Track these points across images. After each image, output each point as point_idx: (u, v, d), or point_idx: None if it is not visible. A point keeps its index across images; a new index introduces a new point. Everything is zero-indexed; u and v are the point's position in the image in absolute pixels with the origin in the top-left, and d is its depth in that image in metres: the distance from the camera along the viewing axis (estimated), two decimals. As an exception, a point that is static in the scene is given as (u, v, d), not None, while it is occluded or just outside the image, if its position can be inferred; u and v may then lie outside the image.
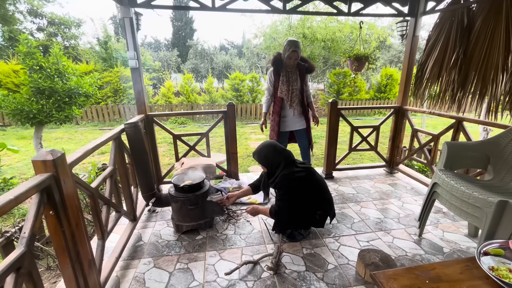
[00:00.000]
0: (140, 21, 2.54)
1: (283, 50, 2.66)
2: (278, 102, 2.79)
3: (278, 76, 2.72)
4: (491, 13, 2.24)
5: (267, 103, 2.88)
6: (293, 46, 2.56)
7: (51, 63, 3.64)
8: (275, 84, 2.76)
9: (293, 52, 2.57)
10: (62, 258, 1.18)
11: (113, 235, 2.03)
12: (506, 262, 1.13)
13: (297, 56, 2.60)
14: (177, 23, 26.75)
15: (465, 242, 2.06)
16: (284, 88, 2.70)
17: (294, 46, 2.56)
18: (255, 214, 2.18)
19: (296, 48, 2.57)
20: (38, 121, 3.71)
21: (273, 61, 2.73)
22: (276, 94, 2.79)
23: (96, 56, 12.90)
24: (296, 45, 2.58)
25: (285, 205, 1.94)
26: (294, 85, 2.70)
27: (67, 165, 1.18)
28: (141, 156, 2.15)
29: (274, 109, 2.87)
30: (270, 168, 2.07)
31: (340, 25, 12.38)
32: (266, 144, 2.10)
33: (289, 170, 1.96)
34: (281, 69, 2.71)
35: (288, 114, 2.83)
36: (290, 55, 2.59)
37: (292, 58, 2.61)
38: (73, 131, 8.81)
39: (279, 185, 1.95)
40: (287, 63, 2.66)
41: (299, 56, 2.63)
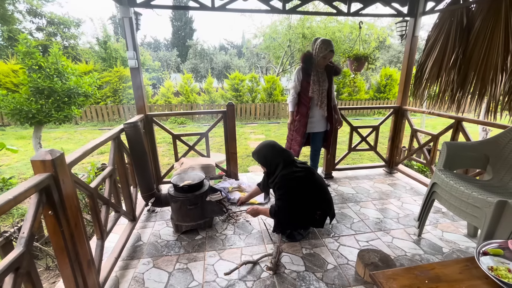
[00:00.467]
0: (139, 21, 2.54)
1: (315, 49, 2.53)
2: (306, 102, 2.66)
3: (308, 75, 2.60)
4: (490, 14, 2.24)
5: (293, 102, 2.73)
6: (330, 46, 2.48)
7: (50, 63, 3.63)
8: (303, 83, 2.64)
9: (331, 53, 2.49)
10: (61, 258, 1.18)
11: (112, 235, 2.03)
12: (505, 262, 1.13)
13: (331, 57, 2.54)
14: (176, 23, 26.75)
15: (464, 242, 2.06)
16: (316, 88, 2.60)
17: (332, 46, 2.48)
18: (256, 214, 2.18)
19: (333, 48, 2.51)
20: (37, 121, 3.71)
21: (304, 59, 2.60)
22: (303, 94, 2.67)
23: (95, 56, 12.89)
24: (332, 45, 2.51)
25: (285, 205, 1.94)
26: (323, 85, 2.62)
27: (66, 165, 1.18)
28: (141, 156, 2.14)
29: (300, 110, 2.72)
30: (269, 168, 2.07)
31: (340, 25, 12.40)
32: (265, 144, 2.11)
33: (289, 170, 1.96)
34: (312, 68, 2.59)
35: (316, 115, 2.72)
36: (326, 55, 2.49)
37: (327, 58, 2.53)
38: (72, 131, 8.80)
39: (279, 185, 1.95)
40: (319, 63, 2.57)
41: (332, 57, 2.58)
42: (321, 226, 2.13)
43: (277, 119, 10.91)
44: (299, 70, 2.66)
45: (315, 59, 2.56)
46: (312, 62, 2.58)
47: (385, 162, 3.50)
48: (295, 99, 2.73)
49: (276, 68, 15.66)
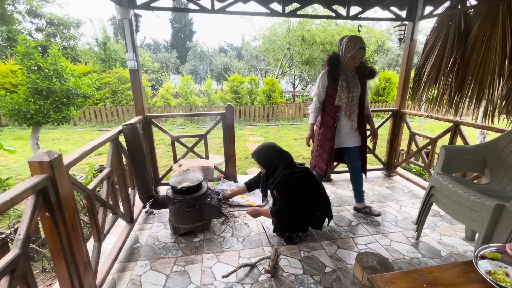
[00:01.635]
0: (139, 23, 2.55)
1: (342, 49, 2.14)
2: (332, 112, 2.27)
3: (335, 80, 2.21)
4: (487, 18, 2.26)
5: (315, 112, 2.36)
6: (359, 42, 2.05)
7: (49, 64, 3.63)
8: (328, 90, 2.26)
9: (360, 50, 2.06)
10: (58, 260, 1.17)
11: (110, 237, 2.02)
12: (503, 266, 1.13)
13: (363, 56, 2.11)
14: (176, 24, 26.82)
15: (462, 245, 2.07)
16: (344, 95, 2.19)
17: (361, 43, 2.05)
18: (256, 216, 2.16)
19: (363, 45, 2.07)
20: (35, 121, 3.70)
21: (329, 62, 2.21)
22: (328, 102, 2.29)
23: (94, 57, 12.89)
24: (362, 41, 2.06)
25: (286, 204, 1.94)
26: (354, 91, 2.20)
27: (64, 166, 1.18)
28: (139, 157, 2.14)
29: (325, 121, 2.33)
30: (269, 168, 2.08)
31: (339, 28, 12.47)
32: (266, 144, 2.12)
33: (289, 170, 1.97)
34: (339, 72, 2.20)
35: (344, 127, 2.30)
36: (355, 54, 2.07)
37: (357, 58, 2.11)
38: (70, 131, 8.77)
39: (279, 185, 1.95)
40: (348, 65, 2.15)
41: (364, 56, 2.15)
42: (320, 227, 2.13)
43: (276, 121, 10.93)
44: (324, 74, 2.27)
45: (343, 61, 2.17)
46: (339, 64, 2.19)
47: (383, 165, 3.50)
48: (318, 108, 2.34)
49: (275, 71, 15.71)
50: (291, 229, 2.08)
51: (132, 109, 10.11)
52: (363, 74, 2.26)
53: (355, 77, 2.23)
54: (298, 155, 5.94)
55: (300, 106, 11.54)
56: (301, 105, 11.62)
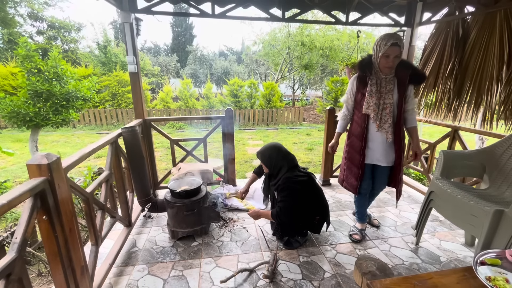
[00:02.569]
0: (140, 27, 2.56)
1: (374, 50, 1.86)
2: (361, 120, 1.96)
3: (365, 85, 1.90)
4: (485, 25, 2.29)
5: (343, 120, 2.12)
6: (392, 38, 1.72)
7: (50, 67, 3.64)
8: (357, 96, 1.97)
9: (394, 47, 1.71)
10: (54, 264, 1.16)
11: (107, 240, 2.00)
12: (503, 272, 1.12)
13: (398, 53, 1.73)
14: (177, 28, 26.99)
15: (462, 251, 2.06)
16: (372, 102, 1.86)
17: (394, 38, 1.71)
18: (257, 217, 2.13)
19: (398, 40, 1.72)
20: (35, 124, 3.69)
21: (359, 64, 1.95)
22: (357, 110, 2.01)
23: (95, 60, 12.94)
24: (396, 37, 1.73)
25: (288, 205, 1.93)
26: (387, 98, 1.84)
27: (62, 169, 1.17)
28: (138, 161, 2.13)
29: (353, 130, 2.06)
30: (272, 169, 2.07)
31: (338, 33, 12.58)
32: (272, 145, 2.14)
33: (292, 173, 1.98)
34: (370, 75, 1.88)
35: (375, 140, 1.94)
36: (388, 52, 1.73)
37: (390, 57, 1.74)
38: (69, 134, 8.75)
39: (282, 187, 1.95)
40: (382, 66, 1.81)
41: (401, 54, 1.76)
42: (319, 232, 2.13)
43: (275, 125, 10.94)
44: (353, 79, 2.01)
45: (375, 63, 1.86)
46: (371, 67, 1.87)
47: (382, 169, 3.50)
48: (346, 116, 2.11)
49: (275, 75, 15.79)
50: (291, 233, 2.07)
51: (131, 112, 10.12)
52: (403, 77, 1.83)
53: (392, 82, 1.85)
54: (298, 159, 5.92)
55: (299, 110, 11.57)
56: (301, 109, 11.66)
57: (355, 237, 2.19)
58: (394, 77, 1.86)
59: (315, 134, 9.04)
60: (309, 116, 12.60)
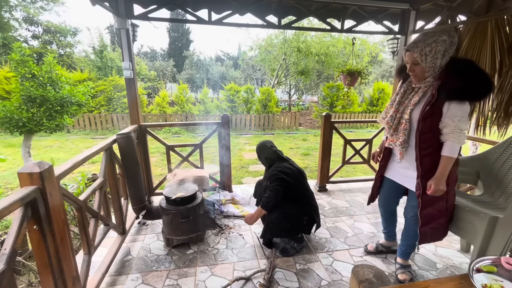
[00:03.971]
0: (136, 33, 2.56)
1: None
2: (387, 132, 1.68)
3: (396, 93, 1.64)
4: (477, 34, 2.34)
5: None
6: (409, 43, 1.46)
7: (44, 72, 3.61)
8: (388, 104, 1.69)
9: (407, 53, 1.46)
10: (44, 275, 1.13)
11: (101, 249, 1.95)
12: (498, 279, 1.12)
13: (413, 60, 1.43)
14: (173, 34, 27.07)
15: (458, 257, 2.06)
16: (390, 112, 1.61)
17: (411, 43, 1.44)
18: (253, 221, 2.08)
19: (411, 46, 1.43)
20: (28, 129, 3.64)
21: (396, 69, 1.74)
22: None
23: (91, 65, 12.89)
24: (415, 41, 1.43)
25: (273, 194, 1.95)
26: (405, 112, 1.53)
27: (54, 177, 1.15)
28: (133, 167, 2.11)
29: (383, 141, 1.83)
30: (264, 163, 2.23)
31: (334, 40, 12.74)
32: (262, 142, 2.31)
33: (283, 164, 2.10)
34: (403, 81, 1.66)
35: (393, 156, 1.74)
36: (405, 59, 1.50)
37: (408, 64, 1.49)
38: (64, 139, 8.65)
39: (270, 174, 2.04)
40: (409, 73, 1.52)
41: (419, 60, 1.41)
42: (308, 232, 2.17)
43: (271, 130, 10.96)
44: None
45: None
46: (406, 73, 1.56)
47: (378, 175, 3.51)
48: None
49: (271, 80, 15.88)
50: (282, 232, 2.04)
51: (127, 117, 10.06)
52: (440, 89, 1.39)
53: (421, 93, 1.48)
54: (294, 164, 5.93)
55: (295, 115, 11.62)
56: (297, 114, 11.71)
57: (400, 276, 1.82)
58: (431, 87, 1.45)
59: (311, 139, 9.07)
60: (305, 121, 12.66)
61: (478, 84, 1.34)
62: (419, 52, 1.39)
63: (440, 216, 1.57)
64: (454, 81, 1.36)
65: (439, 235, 1.62)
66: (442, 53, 1.38)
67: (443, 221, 1.59)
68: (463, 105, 1.37)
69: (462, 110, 1.37)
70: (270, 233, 2.05)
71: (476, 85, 1.34)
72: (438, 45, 1.37)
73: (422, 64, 1.41)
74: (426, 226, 1.57)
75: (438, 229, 1.60)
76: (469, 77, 1.35)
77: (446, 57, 1.40)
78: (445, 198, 1.54)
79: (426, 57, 1.39)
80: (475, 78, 1.35)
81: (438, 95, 1.39)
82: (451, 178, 1.51)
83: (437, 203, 1.54)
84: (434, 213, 1.56)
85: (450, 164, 1.43)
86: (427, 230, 1.57)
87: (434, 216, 1.56)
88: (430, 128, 1.44)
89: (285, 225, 2.01)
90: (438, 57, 1.38)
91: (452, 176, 1.51)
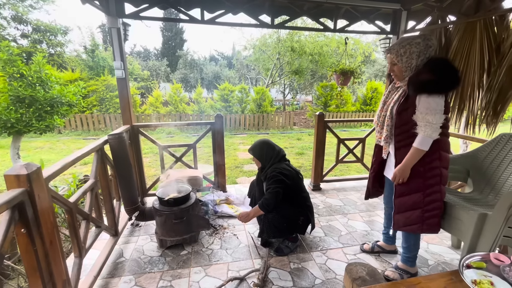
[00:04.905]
0: (128, 32, 2.52)
1: None
2: None
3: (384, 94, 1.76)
4: (466, 34, 2.38)
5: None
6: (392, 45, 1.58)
7: (33, 71, 3.53)
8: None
9: (387, 56, 1.59)
10: (33, 279, 1.10)
11: (93, 251, 1.93)
12: (487, 275, 1.14)
13: (391, 60, 1.56)
14: (167, 33, 26.84)
15: (449, 254, 2.09)
16: (377, 112, 1.73)
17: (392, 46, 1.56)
18: (248, 219, 2.07)
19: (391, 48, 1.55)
20: (16, 130, 3.56)
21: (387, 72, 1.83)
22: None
23: (82, 64, 12.68)
24: (397, 43, 1.54)
25: (274, 191, 1.94)
26: (387, 110, 1.63)
27: (43, 179, 1.13)
28: (125, 168, 2.08)
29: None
30: (264, 161, 2.14)
31: (327, 39, 12.82)
32: (262, 140, 2.22)
33: (281, 164, 2.07)
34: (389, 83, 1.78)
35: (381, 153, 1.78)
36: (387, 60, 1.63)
37: (389, 65, 1.61)
38: (55, 140, 8.49)
39: (269, 175, 2.01)
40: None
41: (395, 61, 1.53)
42: (303, 232, 2.18)
43: (266, 130, 10.97)
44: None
45: None
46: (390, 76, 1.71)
47: (371, 173, 3.54)
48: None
49: (265, 80, 15.90)
50: (279, 233, 2.05)
51: (120, 117, 9.93)
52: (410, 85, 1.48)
53: (401, 90, 1.59)
54: (288, 163, 5.94)
55: (290, 114, 11.66)
56: (291, 114, 11.75)
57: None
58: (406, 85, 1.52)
59: (305, 138, 9.11)
60: (300, 120, 12.71)
61: (444, 76, 1.41)
62: (395, 53, 1.51)
63: (413, 208, 1.59)
64: (421, 74, 1.44)
65: (414, 228, 1.61)
66: (417, 54, 1.47)
67: (417, 214, 1.58)
68: (432, 97, 1.42)
69: (430, 102, 1.42)
70: (266, 234, 2.05)
71: (442, 78, 1.41)
72: (412, 47, 1.47)
73: (399, 64, 1.52)
74: (399, 214, 1.64)
75: (412, 220, 1.60)
76: (436, 71, 1.42)
77: (421, 57, 1.48)
78: (422, 192, 1.56)
79: (402, 57, 1.50)
80: (442, 71, 1.41)
81: (408, 89, 1.48)
82: (433, 174, 1.54)
83: (412, 194, 1.58)
84: (407, 203, 1.60)
85: (417, 155, 1.50)
86: (400, 218, 1.64)
87: (407, 206, 1.60)
88: (406, 121, 1.52)
89: (281, 226, 2.02)
90: (414, 57, 1.48)
91: (433, 172, 1.54)
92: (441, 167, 1.55)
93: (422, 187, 1.55)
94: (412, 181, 1.56)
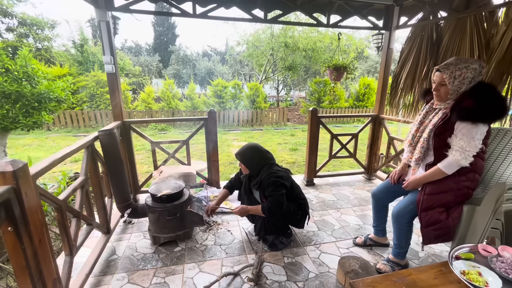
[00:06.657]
0: (117, 25, 2.47)
1: None
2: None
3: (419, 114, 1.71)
4: (457, 29, 2.41)
5: None
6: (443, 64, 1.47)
7: (19, 66, 3.42)
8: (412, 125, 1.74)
9: (436, 72, 1.50)
10: (22, 278, 1.08)
11: (84, 249, 1.90)
12: (475, 265, 1.17)
13: (441, 80, 1.46)
14: (159, 28, 26.39)
15: (439, 246, 2.14)
16: (412, 131, 1.68)
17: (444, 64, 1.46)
18: (245, 214, 2.05)
19: (443, 67, 1.45)
20: (2, 127, 3.45)
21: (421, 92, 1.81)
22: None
23: (71, 59, 12.38)
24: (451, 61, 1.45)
25: (278, 198, 1.89)
26: (425, 132, 1.57)
27: (30, 176, 1.09)
28: (116, 165, 2.05)
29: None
30: (254, 169, 2.02)
31: (321, 35, 12.82)
32: (251, 145, 2.08)
33: (273, 169, 1.99)
34: (425, 103, 1.71)
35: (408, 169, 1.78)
36: (433, 78, 1.53)
37: (435, 83, 1.51)
38: (43, 137, 8.30)
39: (267, 182, 1.92)
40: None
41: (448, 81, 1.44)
42: (302, 226, 2.16)
43: (260, 126, 10.96)
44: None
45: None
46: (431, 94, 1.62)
47: (364, 168, 3.59)
48: None
49: (259, 76, 15.83)
50: (276, 230, 2.06)
51: (111, 114, 9.76)
52: (455, 110, 1.42)
53: (441, 114, 1.52)
54: (282, 159, 5.97)
55: (283, 111, 11.67)
56: (285, 110, 11.76)
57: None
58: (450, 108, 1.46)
59: (299, 134, 9.15)
60: (293, 116, 12.74)
61: (491, 106, 1.36)
62: (449, 74, 1.43)
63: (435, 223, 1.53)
64: (467, 101, 1.39)
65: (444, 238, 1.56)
66: (469, 80, 1.42)
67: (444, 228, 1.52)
68: (472, 125, 1.38)
69: (471, 130, 1.38)
70: (264, 231, 2.06)
71: (488, 108, 1.36)
72: (468, 72, 1.40)
73: (449, 86, 1.44)
74: (427, 228, 1.54)
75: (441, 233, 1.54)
76: (482, 100, 1.37)
77: (471, 84, 1.43)
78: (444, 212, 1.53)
79: (454, 80, 1.42)
80: (488, 101, 1.36)
81: (451, 114, 1.43)
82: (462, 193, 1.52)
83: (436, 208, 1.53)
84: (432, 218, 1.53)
85: (438, 176, 1.50)
86: (431, 232, 1.55)
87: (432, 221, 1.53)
88: (443, 144, 1.49)
89: (281, 224, 2.04)
90: (465, 83, 1.42)
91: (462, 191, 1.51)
92: (470, 188, 1.53)
93: (449, 203, 1.53)
94: (443, 196, 1.52)
